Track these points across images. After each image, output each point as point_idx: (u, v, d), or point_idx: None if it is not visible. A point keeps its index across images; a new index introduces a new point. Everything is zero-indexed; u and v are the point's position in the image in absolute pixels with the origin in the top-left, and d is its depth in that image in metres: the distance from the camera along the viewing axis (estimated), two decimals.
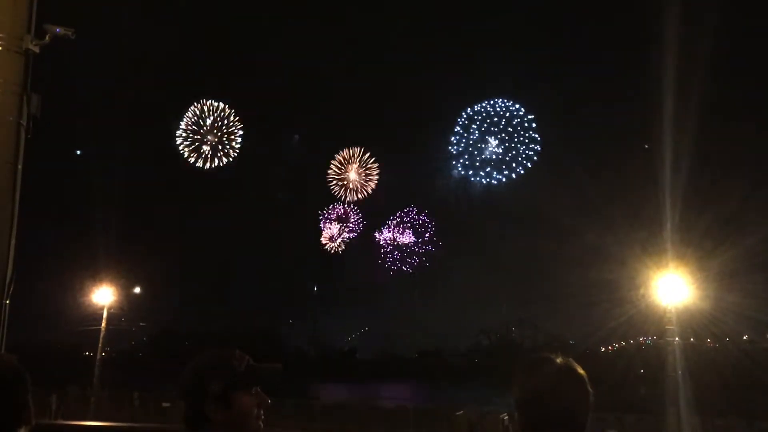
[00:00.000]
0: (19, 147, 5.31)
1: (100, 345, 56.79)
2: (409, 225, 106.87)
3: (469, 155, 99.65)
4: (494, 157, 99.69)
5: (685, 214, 49.47)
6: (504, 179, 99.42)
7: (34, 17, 5.49)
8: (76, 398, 49.67)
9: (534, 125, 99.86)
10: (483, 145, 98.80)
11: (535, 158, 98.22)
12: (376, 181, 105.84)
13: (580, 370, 2.43)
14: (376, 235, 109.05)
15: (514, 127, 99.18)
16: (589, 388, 2.40)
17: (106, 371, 56.99)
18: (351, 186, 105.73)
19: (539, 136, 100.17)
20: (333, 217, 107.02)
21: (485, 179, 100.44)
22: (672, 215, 45.11)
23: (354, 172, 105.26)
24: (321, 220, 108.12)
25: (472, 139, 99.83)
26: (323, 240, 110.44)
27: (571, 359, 2.46)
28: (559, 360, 2.44)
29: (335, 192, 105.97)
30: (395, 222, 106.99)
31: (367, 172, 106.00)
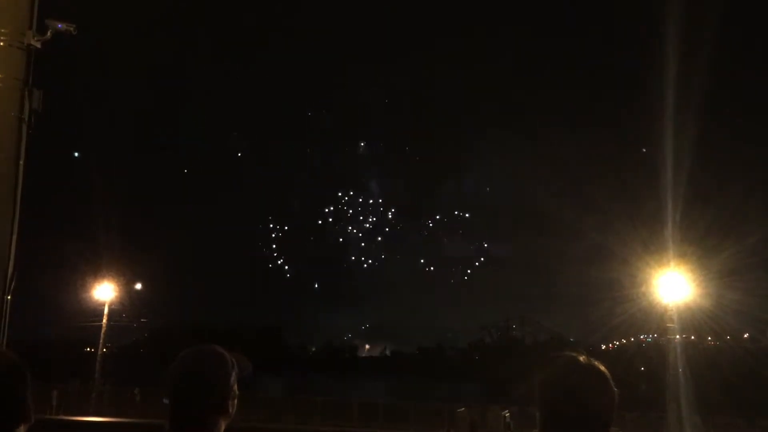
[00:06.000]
0: (21, 142, 5.30)
1: (101, 341, 56.88)
2: None
3: None
4: None
5: (686, 212, 49.47)
6: None
7: (36, 12, 5.47)
8: (77, 393, 49.72)
9: None
10: None
11: None
12: None
13: (604, 369, 2.41)
14: None
15: None
16: (614, 387, 2.38)
17: (108, 367, 57.06)
18: None
19: None
20: None
21: None
22: (673, 214, 45.10)
23: None
24: None
25: None
26: None
27: (592, 358, 2.44)
28: (582, 358, 2.42)
29: None
30: None
31: None
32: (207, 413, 2.55)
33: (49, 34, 5.45)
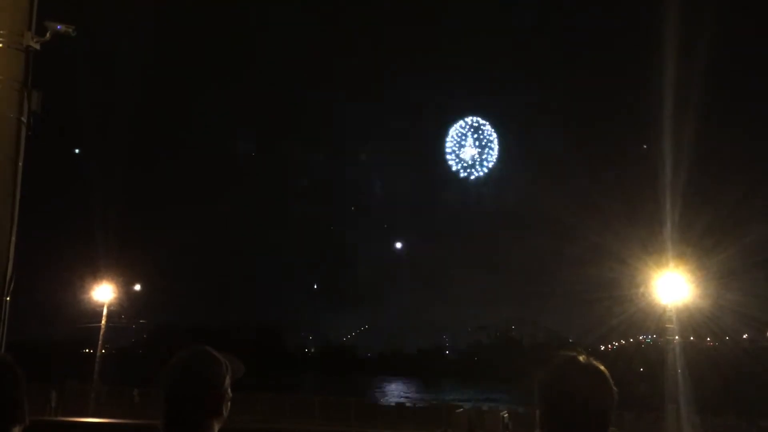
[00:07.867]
0: (20, 144, 5.30)
1: (100, 342, 56.83)
2: None
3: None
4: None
5: (685, 212, 49.39)
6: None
7: (35, 14, 5.47)
8: (75, 394, 49.71)
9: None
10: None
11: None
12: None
13: (603, 368, 2.43)
14: None
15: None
16: (614, 386, 2.41)
17: (106, 368, 57.03)
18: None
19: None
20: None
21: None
22: (672, 214, 45.04)
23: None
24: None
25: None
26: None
27: (592, 358, 2.46)
28: (581, 357, 2.45)
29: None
30: None
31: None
32: (201, 415, 2.56)
33: (48, 35, 5.45)
